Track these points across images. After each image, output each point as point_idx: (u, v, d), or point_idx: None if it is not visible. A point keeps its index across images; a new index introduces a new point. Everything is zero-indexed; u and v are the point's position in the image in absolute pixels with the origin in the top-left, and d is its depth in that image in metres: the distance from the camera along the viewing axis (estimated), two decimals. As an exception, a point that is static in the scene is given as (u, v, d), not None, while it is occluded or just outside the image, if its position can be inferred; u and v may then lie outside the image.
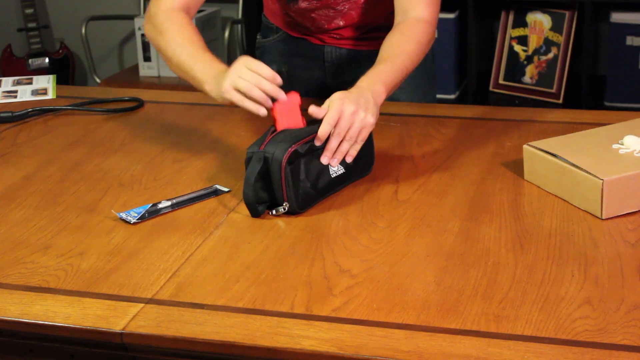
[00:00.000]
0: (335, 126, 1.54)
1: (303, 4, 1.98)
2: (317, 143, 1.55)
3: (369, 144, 1.63)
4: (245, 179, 1.52)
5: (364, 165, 1.67)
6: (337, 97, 1.56)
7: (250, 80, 1.56)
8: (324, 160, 1.56)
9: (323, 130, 1.53)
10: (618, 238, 1.43)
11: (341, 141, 1.56)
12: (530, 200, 1.58)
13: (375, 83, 1.61)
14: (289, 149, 1.51)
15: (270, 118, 1.58)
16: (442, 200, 1.59)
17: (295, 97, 1.57)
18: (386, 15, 1.93)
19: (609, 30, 3.53)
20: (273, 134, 1.55)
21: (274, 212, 1.54)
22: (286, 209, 1.53)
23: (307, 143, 1.54)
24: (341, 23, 2.01)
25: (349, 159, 1.58)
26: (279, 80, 1.57)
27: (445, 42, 3.63)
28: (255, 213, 1.54)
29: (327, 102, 1.57)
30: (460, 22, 3.66)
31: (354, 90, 1.58)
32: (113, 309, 1.30)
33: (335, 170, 1.60)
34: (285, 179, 1.51)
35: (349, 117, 1.54)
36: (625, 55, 3.48)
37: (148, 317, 1.28)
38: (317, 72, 2.10)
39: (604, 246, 1.41)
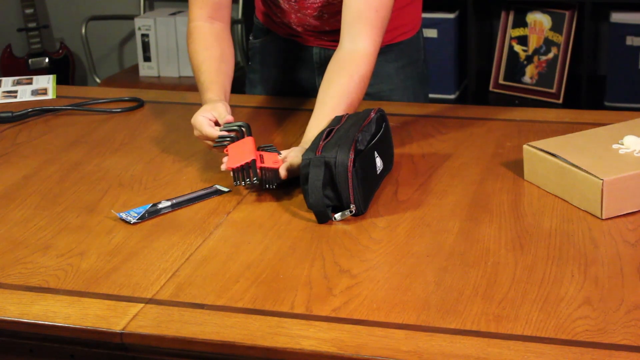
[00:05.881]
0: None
1: (284, 5, 1.98)
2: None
3: (390, 141, 1.70)
4: (311, 186, 1.49)
5: (390, 160, 1.70)
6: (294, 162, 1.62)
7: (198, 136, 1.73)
8: (222, 167, 1.63)
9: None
10: (618, 238, 1.43)
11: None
12: (530, 200, 1.58)
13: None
14: (351, 152, 1.50)
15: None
16: (442, 200, 1.59)
17: (247, 141, 1.66)
18: None
19: (609, 30, 3.53)
20: (327, 140, 1.54)
21: (338, 216, 1.52)
22: (353, 211, 1.51)
23: (357, 142, 1.54)
24: (326, 27, 2.00)
25: None
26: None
27: (445, 42, 3.63)
28: (325, 219, 1.51)
29: (289, 157, 1.63)
30: (460, 22, 3.66)
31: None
32: (113, 309, 1.30)
33: (379, 165, 1.61)
34: (352, 182, 1.50)
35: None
36: (625, 55, 3.48)
37: (148, 317, 1.28)
38: (306, 73, 2.10)
39: (604, 246, 1.41)
